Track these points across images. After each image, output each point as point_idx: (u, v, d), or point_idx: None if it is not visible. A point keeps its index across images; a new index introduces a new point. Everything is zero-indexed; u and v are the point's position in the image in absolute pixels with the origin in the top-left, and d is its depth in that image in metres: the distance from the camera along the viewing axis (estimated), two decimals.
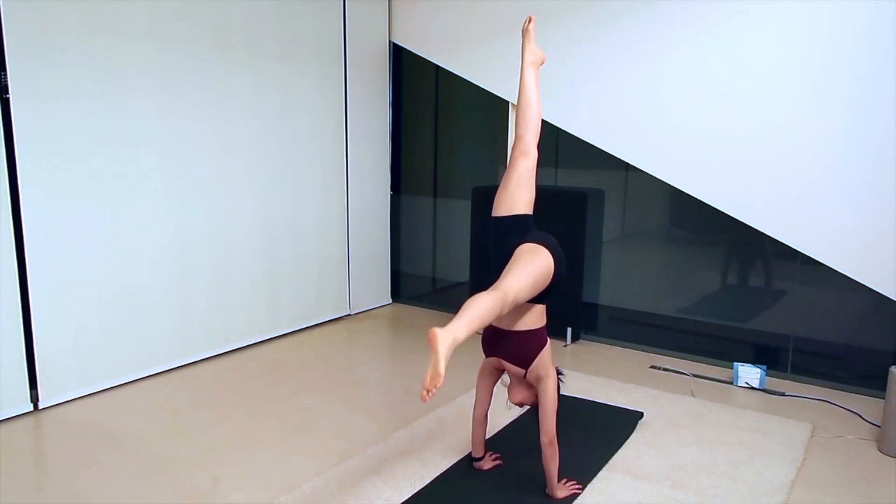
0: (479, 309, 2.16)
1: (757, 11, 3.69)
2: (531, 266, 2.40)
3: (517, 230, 2.52)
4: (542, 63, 2.73)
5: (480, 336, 2.61)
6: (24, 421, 3.28)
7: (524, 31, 2.71)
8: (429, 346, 2.04)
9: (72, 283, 3.45)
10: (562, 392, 2.63)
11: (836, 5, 3.48)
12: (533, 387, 2.56)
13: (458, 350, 2.11)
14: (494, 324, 2.53)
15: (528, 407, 2.67)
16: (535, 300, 2.47)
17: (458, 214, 5.28)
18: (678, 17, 3.95)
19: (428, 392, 2.04)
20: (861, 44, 3.45)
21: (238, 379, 3.88)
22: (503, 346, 2.54)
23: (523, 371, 2.53)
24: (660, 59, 4.05)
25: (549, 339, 2.55)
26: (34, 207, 3.27)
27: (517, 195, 2.56)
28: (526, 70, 2.67)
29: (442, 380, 2.02)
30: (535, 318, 2.51)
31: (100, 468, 2.83)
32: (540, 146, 2.66)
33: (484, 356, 2.65)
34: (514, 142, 2.65)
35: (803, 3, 3.56)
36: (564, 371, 2.68)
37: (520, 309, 2.47)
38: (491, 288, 2.29)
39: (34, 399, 3.38)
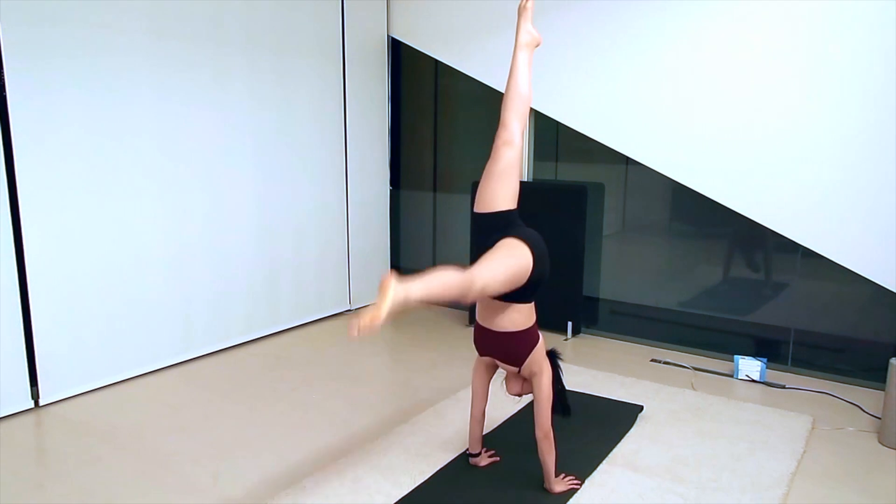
0: (441, 280, 2.08)
1: (755, 6, 3.68)
2: (507, 260, 2.30)
3: (501, 227, 2.40)
4: (538, 45, 2.55)
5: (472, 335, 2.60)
6: (25, 418, 3.28)
7: (521, 9, 2.54)
8: (378, 292, 1.96)
9: (71, 278, 3.44)
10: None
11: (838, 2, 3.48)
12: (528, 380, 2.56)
13: (458, 345, 2.10)
14: (484, 324, 2.50)
15: (530, 397, 2.64)
16: (520, 299, 2.41)
17: (458, 209, 5.28)
18: (678, 9, 3.93)
19: (359, 331, 1.93)
20: (865, 38, 3.43)
21: (238, 374, 3.88)
22: (494, 346, 2.51)
23: (517, 368, 2.52)
24: (660, 53, 4.03)
25: (541, 336, 2.52)
26: (33, 203, 3.26)
27: (501, 189, 2.43)
28: (519, 52, 2.49)
29: (378, 326, 1.93)
30: (524, 318, 2.44)
31: (100, 464, 2.83)
32: (540, 140, 2.62)
33: (477, 354, 2.64)
34: (499, 128, 2.47)
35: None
36: (562, 355, 2.64)
37: (507, 309, 2.41)
38: (464, 270, 2.19)
39: (35, 396, 3.38)
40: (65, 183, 3.38)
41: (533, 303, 2.48)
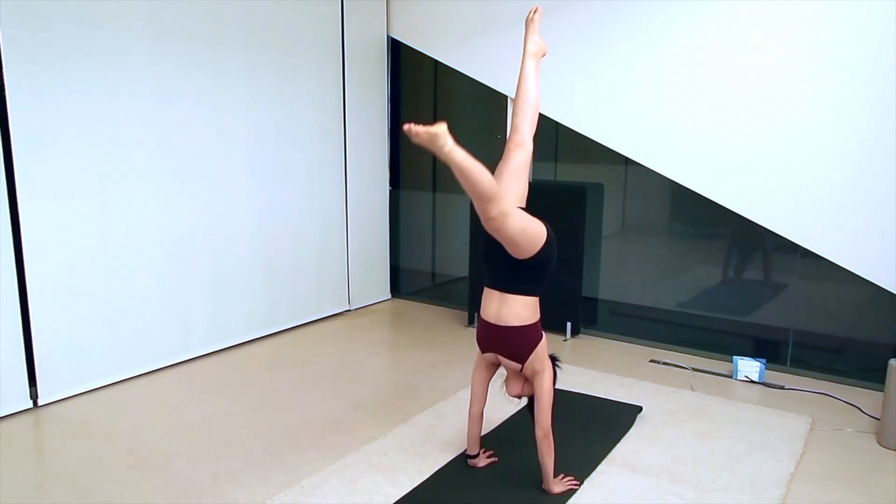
0: (480, 168, 2.18)
1: (756, 7, 3.68)
2: (530, 218, 2.43)
3: None
4: (544, 55, 2.70)
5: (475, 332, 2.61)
6: (24, 418, 3.28)
7: (528, 22, 2.70)
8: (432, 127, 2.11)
9: (70, 279, 3.44)
10: (561, 386, 2.63)
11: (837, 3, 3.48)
12: (529, 380, 2.56)
13: (458, 345, 2.10)
14: (487, 319, 2.53)
15: (527, 399, 2.66)
16: (526, 283, 2.46)
17: (457, 209, 5.27)
18: (678, 10, 3.94)
19: (407, 127, 2.15)
20: (865, 39, 3.43)
21: (237, 375, 3.89)
22: (499, 341, 2.53)
23: (519, 366, 2.52)
24: (660, 53, 4.03)
25: (544, 334, 2.54)
26: (31, 204, 3.26)
27: (511, 187, 2.54)
28: (527, 61, 2.66)
29: (412, 132, 2.16)
30: (529, 314, 2.49)
31: (99, 465, 2.83)
32: (540, 140, 2.65)
33: (479, 352, 2.64)
34: (511, 133, 2.63)
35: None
36: (561, 360, 2.67)
37: (513, 302, 2.46)
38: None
39: (33, 396, 3.38)
40: (63, 182, 3.37)
41: (538, 298, 2.51)
